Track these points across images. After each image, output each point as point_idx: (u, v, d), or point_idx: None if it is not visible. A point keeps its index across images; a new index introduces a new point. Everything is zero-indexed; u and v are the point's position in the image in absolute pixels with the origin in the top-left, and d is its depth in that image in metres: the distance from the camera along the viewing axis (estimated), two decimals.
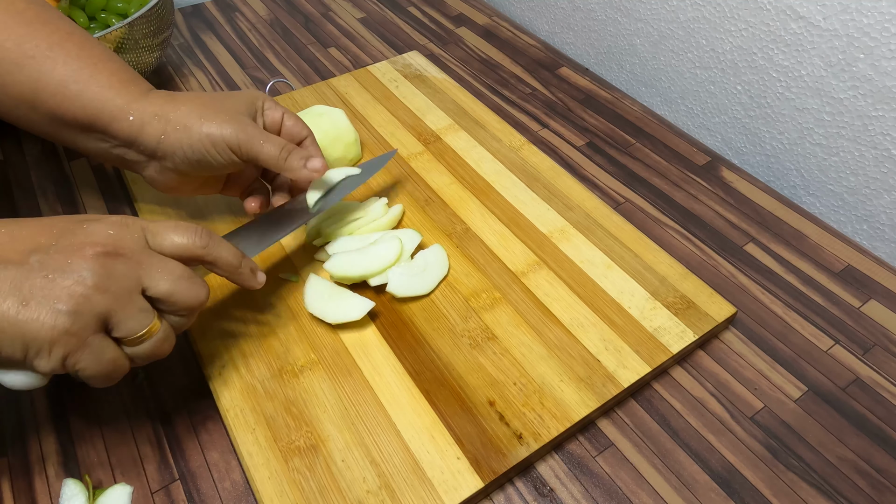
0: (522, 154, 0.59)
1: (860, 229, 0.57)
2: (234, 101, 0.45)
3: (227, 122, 0.42)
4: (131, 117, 0.42)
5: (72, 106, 0.42)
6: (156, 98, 0.43)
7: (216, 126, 0.42)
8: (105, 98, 0.42)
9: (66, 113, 0.42)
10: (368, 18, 0.82)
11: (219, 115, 0.43)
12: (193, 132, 0.42)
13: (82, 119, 0.42)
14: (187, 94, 0.44)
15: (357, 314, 0.44)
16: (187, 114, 0.42)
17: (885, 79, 0.50)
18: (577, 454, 0.41)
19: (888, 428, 0.42)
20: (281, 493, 0.37)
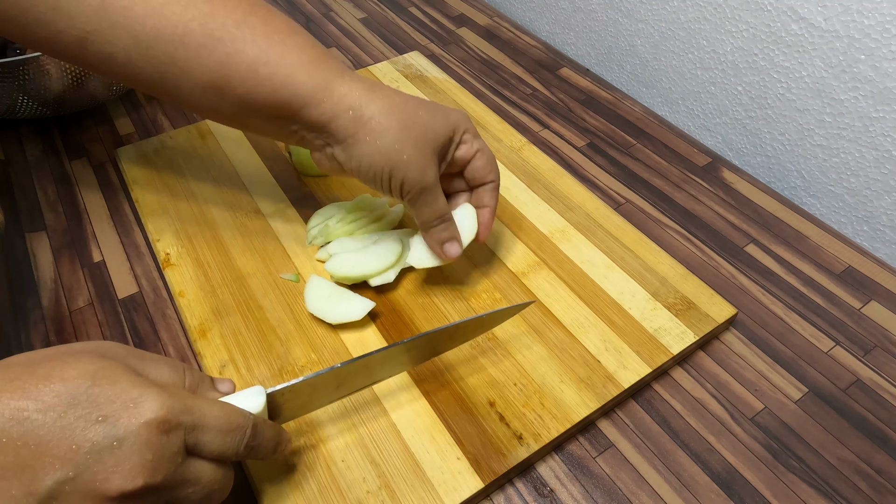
0: (523, 154, 0.59)
1: (861, 230, 0.57)
2: (433, 127, 0.41)
3: (414, 161, 0.40)
4: (324, 102, 0.39)
5: (263, 90, 0.39)
6: (352, 87, 0.40)
7: (402, 166, 0.40)
8: (298, 80, 0.39)
9: (256, 98, 0.39)
10: (369, 19, 0.82)
11: (413, 149, 0.40)
12: (380, 155, 0.39)
13: (272, 104, 0.39)
14: (386, 93, 0.40)
15: (358, 314, 0.44)
16: (386, 128, 0.39)
17: (886, 80, 0.50)
18: (578, 455, 0.41)
19: (888, 429, 0.42)
20: (281, 493, 0.37)
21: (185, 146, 0.60)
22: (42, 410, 0.25)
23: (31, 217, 0.55)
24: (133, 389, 0.27)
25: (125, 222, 0.55)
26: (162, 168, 0.58)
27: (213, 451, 0.29)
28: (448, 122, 0.42)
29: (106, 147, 0.62)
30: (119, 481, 0.26)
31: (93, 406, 0.26)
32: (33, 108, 0.58)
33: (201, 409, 0.29)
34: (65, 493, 0.25)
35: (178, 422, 0.28)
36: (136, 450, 0.26)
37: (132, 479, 0.26)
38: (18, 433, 0.25)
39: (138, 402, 0.27)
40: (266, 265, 0.50)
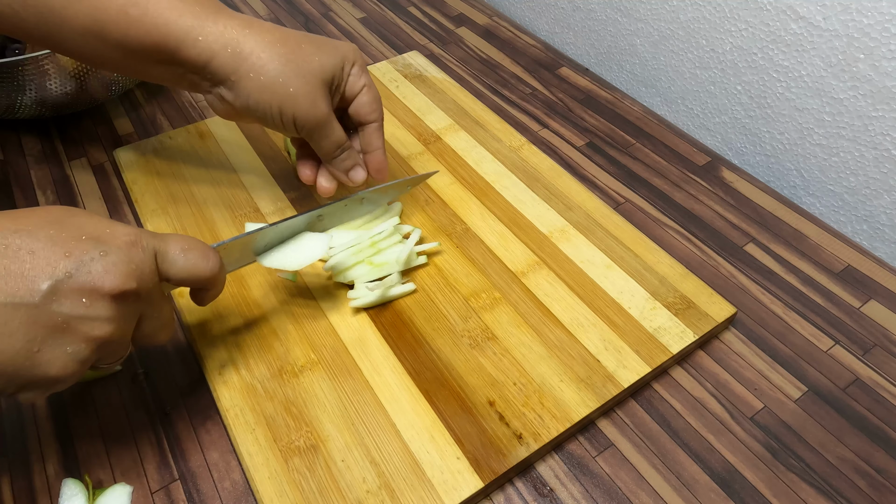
0: (522, 154, 0.59)
1: (860, 230, 0.57)
2: (318, 58, 0.41)
3: (304, 96, 0.40)
4: (200, 41, 0.39)
5: (137, 32, 0.39)
6: (227, 24, 0.40)
7: (290, 100, 0.40)
8: (168, 19, 0.39)
9: (131, 40, 0.40)
10: (368, 18, 0.82)
11: (299, 81, 0.40)
12: (266, 91, 0.40)
13: (149, 45, 0.40)
14: (265, 28, 0.41)
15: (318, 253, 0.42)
16: (266, 62, 0.40)
17: (885, 79, 0.50)
18: (577, 454, 0.41)
19: (888, 428, 0.42)
20: (281, 493, 0.37)
21: (185, 146, 0.60)
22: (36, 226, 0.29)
23: None
24: (105, 221, 0.32)
25: (124, 222, 0.55)
26: (161, 168, 0.58)
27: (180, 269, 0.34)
28: (336, 53, 0.42)
29: (105, 147, 0.62)
30: (113, 281, 0.30)
31: (76, 228, 0.30)
32: (33, 108, 0.58)
33: (163, 236, 0.34)
34: (65, 290, 0.28)
35: (148, 242, 0.33)
36: (122, 258, 0.30)
37: (126, 281, 0.30)
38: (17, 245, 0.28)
39: (113, 228, 0.32)
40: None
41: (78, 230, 0.30)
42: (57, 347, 0.29)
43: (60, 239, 0.29)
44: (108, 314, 0.30)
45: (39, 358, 0.28)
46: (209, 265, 0.35)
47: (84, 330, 0.29)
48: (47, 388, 0.30)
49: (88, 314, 0.29)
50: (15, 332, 0.27)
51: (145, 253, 0.32)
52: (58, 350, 0.29)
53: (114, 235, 0.31)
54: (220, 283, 0.37)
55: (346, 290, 0.48)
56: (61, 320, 0.29)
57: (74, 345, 0.29)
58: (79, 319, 0.29)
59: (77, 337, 0.29)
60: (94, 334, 0.30)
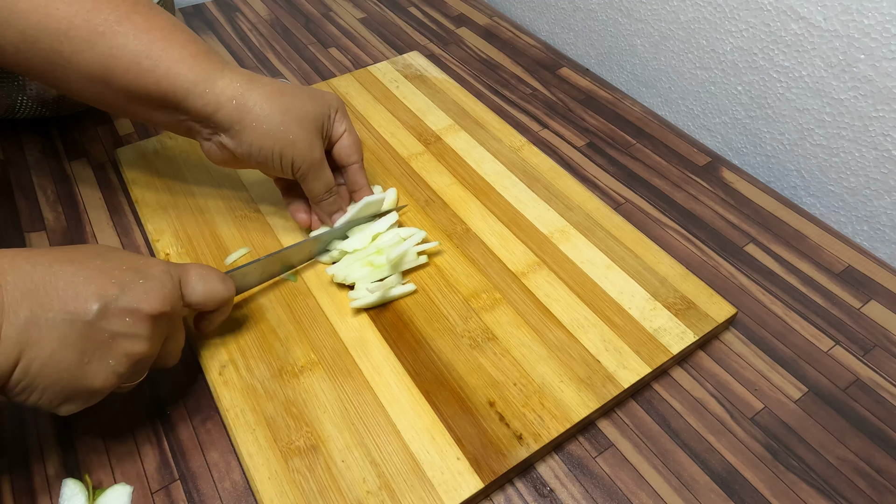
0: (523, 154, 0.59)
1: (860, 230, 0.57)
2: (311, 108, 0.45)
3: (300, 140, 0.44)
4: (207, 93, 0.42)
5: (146, 82, 0.41)
6: (233, 78, 0.43)
7: (290, 146, 0.44)
8: (179, 73, 0.41)
9: (140, 89, 0.42)
10: (369, 19, 0.82)
11: (297, 129, 0.44)
12: (268, 138, 0.43)
13: (156, 95, 0.42)
14: (265, 83, 0.44)
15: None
16: (269, 113, 0.43)
17: (886, 79, 0.50)
18: (578, 455, 0.41)
19: (888, 429, 0.42)
20: (281, 493, 0.37)
21: (185, 146, 0.60)
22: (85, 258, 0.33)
23: (30, 217, 0.55)
24: (138, 256, 0.36)
25: (125, 222, 0.55)
26: (162, 168, 0.58)
27: (200, 294, 0.38)
28: (324, 102, 0.46)
29: (105, 147, 0.62)
30: (152, 304, 0.34)
31: (117, 260, 0.34)
32: (33, 108, 0.58)
33: (184, 265, 0.38)
34: (112, 311, 0.32)
35: (175, 272, 0.37)
36: (157, 286, 0.35)
37: (161, 304, 0.34)
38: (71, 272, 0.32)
39: (147, 261, 0.36)
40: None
41: (120, 262, 0.35)
42: (102, 360, 0.32)
43: (107, 268, 0.34)
44: (147, 333, 0.34)
45: (88, 369, 0.32)
46: (225, 288, 0.39)
47: (126, 346, 0.33)
48: (86, 401, 0.34)
49: (131, 332, 0.33)
50: (73, 344, 0.31)
51: (173, 280, 0.36)
52: (102, 363, 0.33)
53: (148, 266, 0.35)
54: (230, 307, 0.42)
55: (347, 291, 0.48)
56: (108, 336, 0.32)
57: (116, 359, 0.33)
58: (123, 336, 0.33)
59: (119, 352, 0.33)
60: (134, 350, 0.33)
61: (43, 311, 0.31)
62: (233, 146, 0.44)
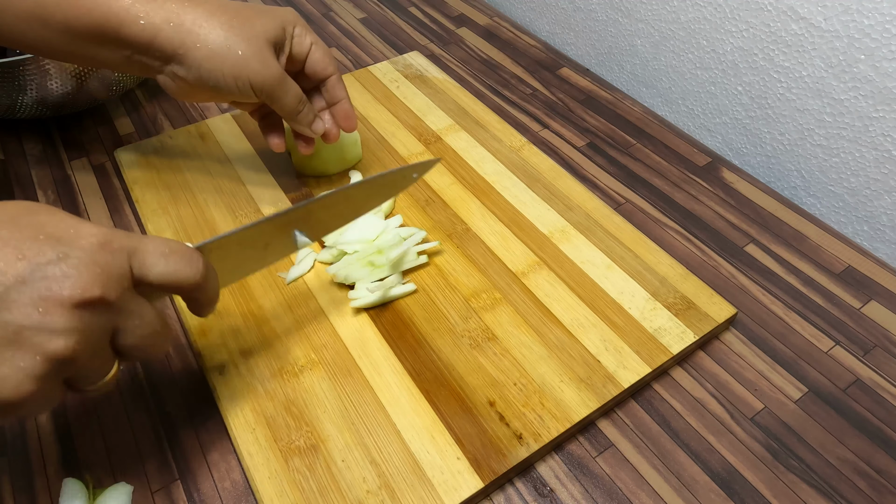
0: (523, 154, 0.59)
1: (861, 230, 0.57)
2: (260, 22, 0.42)
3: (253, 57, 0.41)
4: (142, 21, 0.40)
5: (78, 13, 0.40)
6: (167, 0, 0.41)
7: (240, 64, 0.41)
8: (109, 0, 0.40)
9: (74, 22, 0.40)
10: (369, 19, 0.82)
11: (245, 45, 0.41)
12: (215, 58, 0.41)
13: (92, 27, 0.40)
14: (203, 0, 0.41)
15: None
16: (209, 31, 0.41)
17: (886, 80, 0.50)
18: (578, 455, 0.41)
19: (888, 429, 0.42)
20: (281, 493, 0.37)
21: (185, 146, 0.60)
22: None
23: None
24: (70, 219, 0.28)
25: (125, 222, 0.55)
26: (162, 168, 0.58)
27: (160, 273, 0.30)
28: (276, 16, 0.43)
29: (106, 147, 0.62)
30: (73, 288, 0.26)
31: (34, 227, 0.27)
32: (33, 108, 0.58)
33: (140, 237, 0.30)
34: (16, 298, 0.25)
35: (121, 244, 0.29)
36: (84, 262, 0.26)
37: (88, 289, 0.26)
38: None
39: (78, 227, 0.28)
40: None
41: (35, 229, 0.27)
42: (7, 362, 0.25)
43: (14, 239, 0.26)
44: (67, 325, 0.26)
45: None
46: (192, 269, 0.31)
47: (39, 342, 0.25)
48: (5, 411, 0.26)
49: (43, 325, 0.25)
50: None
51: (115, 256, 0.28)
52: (8, 365, 0.25)
53: (78, 235, 0.27)
54: (209, 289, 0.33)
55: (347, 291, 0.48)
56: (12, 332, 0.25)
57: (27, 360, 0.25)
58: (32, 331, 0.25)
59: (30, 351, 0.25)
60: (51, 348, 0.26)
61: None
62: (182, 73, 0.42)
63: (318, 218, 0.40)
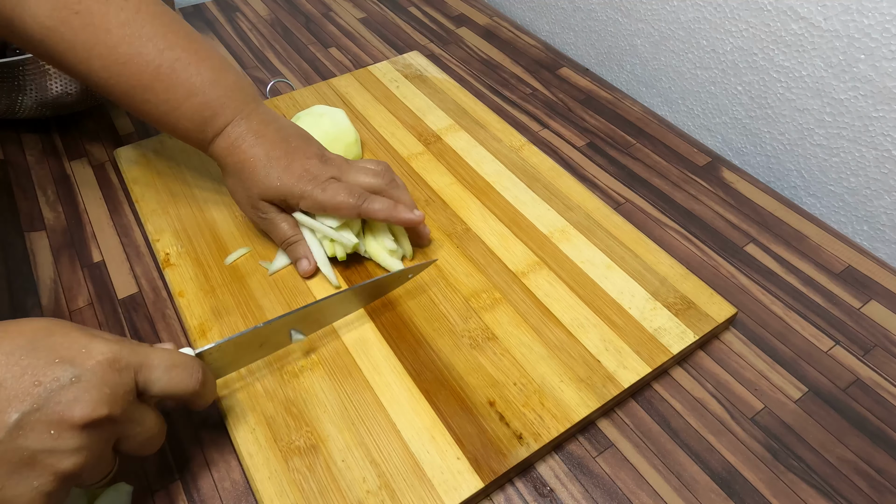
0: (523, 154, 0.59)
1: (861, 230, 0.57)
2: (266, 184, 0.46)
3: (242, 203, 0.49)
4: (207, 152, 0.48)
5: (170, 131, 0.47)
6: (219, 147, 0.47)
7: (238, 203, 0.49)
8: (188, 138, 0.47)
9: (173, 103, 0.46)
10: (369, 18, 0.82)
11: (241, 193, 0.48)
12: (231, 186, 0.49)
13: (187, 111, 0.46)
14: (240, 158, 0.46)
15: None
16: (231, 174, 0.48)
17: (886, 79, 0.50)
18: (578, 454, 0.41)
19: (888, 429, 0.42)
20: (281, 493, 0.37)
21: (185, 146, 0.60)
22: (5, 354, 0.28)
23: (30, 217, 0.55)
24: (83, 338, 0.30)
25: (125, 222, 0.55)
26: (162, 168, 0.58)
27: (162, 387, 0.32)
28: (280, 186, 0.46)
29: (105, 147, 0.62)
30: (83, 410, 0.28)
31: (49, 350, 0.29)
32: (33, 108, 0.58)
33: (146, 351, 0.33)
34: (32, 423, 0.27)
35: (128, 361, 0.31)
36: (94, 384, 0.29)
37: (96, 409, 0.29)
38: None
39: (90, 346, 0.30)
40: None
41: (52, 352, 0.29)
42: (22, 483, 0.27)
43: (31, 367, 0.28)
44: (77, 445, 0.28)
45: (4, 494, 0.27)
46: (192, 381, 0.34)
47: (51, 463, 0.28)
48: None
49: (56, 447, 0.28)
50: None
51: (122, 374, 0.30)
52: (23, 486, 0.27)
53: (89, 355, 0.30)
54: (205, 394, 0.36)
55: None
56: (28, 455, 0.27)
57: (41, 479, 0.28)
58: (46, 453, 0.28)
59: (44, 471, 0.28)
60: (62, 467, 0.28)
61: None
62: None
63: (313, 317, 0.42)
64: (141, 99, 0.45)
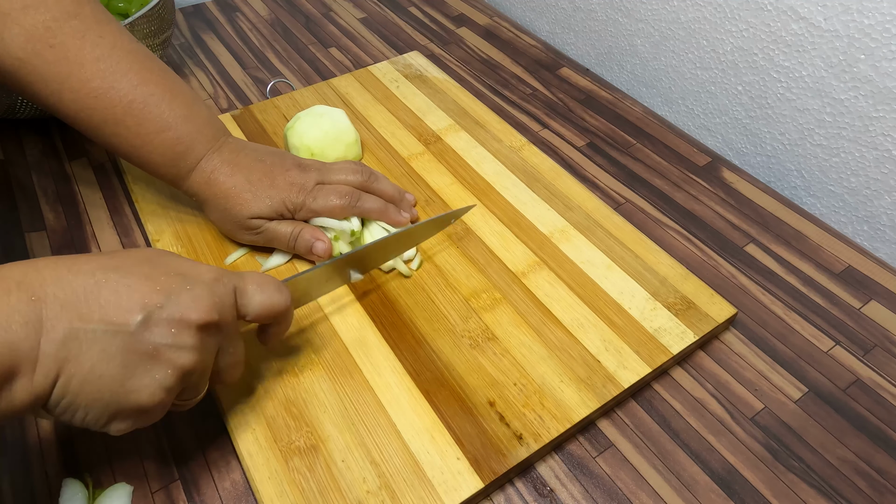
0: (523, 154, 0.59)
1: (861, 230, 0.57)
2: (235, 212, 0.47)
3: (222, 228, 0.50)
4: (182, 188, 0.49)
5: (140, 165, 0.48)
6: (195, 182, 0.48)
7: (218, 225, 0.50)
8: (158, 172, 0.48)
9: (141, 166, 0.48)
10: (369, 18, 0.82)
11: (218, 215, 0.49)
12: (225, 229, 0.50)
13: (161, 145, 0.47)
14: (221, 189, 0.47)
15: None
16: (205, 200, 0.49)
17: (886, 80, 0.50)
18: (578, 455, 0.41)
19: (888, 429, 0.42)
20: (281, 493, 0.37)
21: None
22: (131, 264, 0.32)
23: (30, 217, 0.55)
24: (189, 261, 0.35)
25: (125, 222, 0.55)
26: None
27: (259, 302, 0.36)
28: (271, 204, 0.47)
29: None
30: (199, 312, 0.32)
31: (166, 266, 0.33)
32: (33, 108, 0.58)
33: (242, 273, 0.37)
34: (157, 321, 0.31)
35: (229, 279, 0.35)
36: (206, 293, 0.33)
37: (210, 313, 0.32)
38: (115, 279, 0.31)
39: (197, 266, 0.34)
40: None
41: (167, 268, 0.33)
42: (146, 374, 0.31)
43: (153, 275, 0.32)
44: (193, 343, 0.32)
45: (132, 384, 0.30)
46: (283, 298, 0.37)
47: (171, 358, 0.31)
48: (136, 419, 0.32)
49: (176, 343, 0.31)
50: (113, 357, 0.30)
51: (226, 288, 0.34)
52: (147, 377, 0.31)
53: (198, 272, 0.34)
54: (289, 318, 0.39)
55: (347, 290, 0.48)
56: (152, 348, 0.31)
57: (162, 372, 0.31)
58: (167, 347, 0.31)
59: (165, 365, 0.31)
60: (181, 362, 0.32)
61: (83, 324, 0.29)
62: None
63: (371, 258, 0.46)
64: (111, 132, 0.45)
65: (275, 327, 0.39)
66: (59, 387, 0.29)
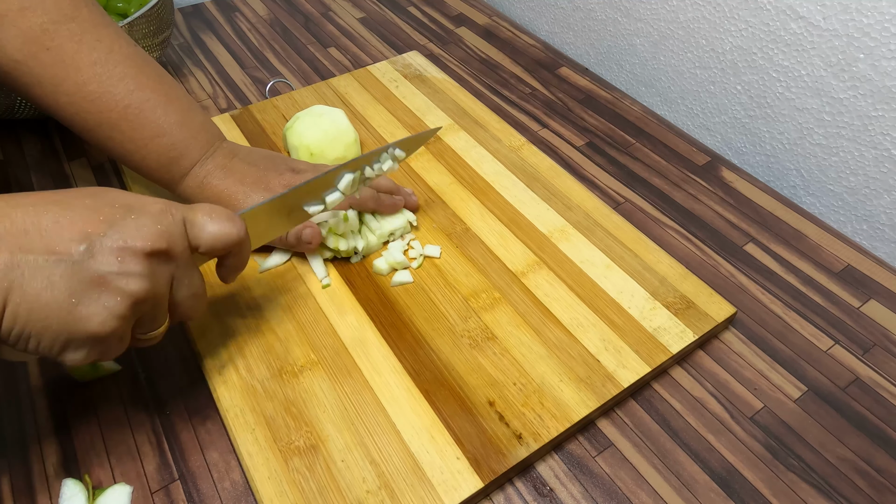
0: (522, 154, 0.59)
1: (860, 229, 0.57)
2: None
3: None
4: (176, 192, 0.49)
5: (134, 168, 0.48)
6: (188, 186, 0.48)
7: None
8: (152, 176, 0.48)
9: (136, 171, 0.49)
10: (368, 18, 0.82)
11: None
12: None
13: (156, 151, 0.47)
14: (213, 192, 0.47)
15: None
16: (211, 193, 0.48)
17: (885, 79, 0.50)
18: (577, 454, 0.41)
19: (888, 428, 0.42)
20: (281, 493, 0.37)
21: None
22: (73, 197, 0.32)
23: None
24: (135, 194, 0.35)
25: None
26: None
27: (211, 234, 0.36)
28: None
29: None
30: (143, 240, 0.32)
31: (110, 199, 0.33)
32: (32, 108, 0.58)
33: (191, 205, 0.37)
34: (100, 249, 0.31)
35: (177, 209, 0.35)
36: (152, 222, 0.33)
37: (156, 241, 0.33)
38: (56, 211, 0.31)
39: (142, 199, 0.34)
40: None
41: (111, 200, 0.33)
42: (95, 302, 0.31)
43: (96, 206, 0.32)
44: (141, 270, 0.32)
45: (79, 311, 0.31)
46: (236, 228, 0.37)
47: (120, 286, 0.31)
48: (90, 348, 0.32)
49: (123, 270, 0.32)
50: (56, 285, 0.30)
51: (175, 218, 0.35)
52: (96, 305, 0.31)
53: (143, 204, 0.34)
54: (245, 250, 0.39)
55: (347, 290, 0.48)
56: (98, 276, 0.31)
57: (111, 300, 0.31)
58: (114, 275, 0.31)
59: (114, 292, 0.31)
60: (130, 289, 0.32)
61: (24, 254, 0.29)
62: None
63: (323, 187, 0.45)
64: (106, 136, 0.46)
65: (231, 259, 0.39)
66: (7, 315, 0.29)
